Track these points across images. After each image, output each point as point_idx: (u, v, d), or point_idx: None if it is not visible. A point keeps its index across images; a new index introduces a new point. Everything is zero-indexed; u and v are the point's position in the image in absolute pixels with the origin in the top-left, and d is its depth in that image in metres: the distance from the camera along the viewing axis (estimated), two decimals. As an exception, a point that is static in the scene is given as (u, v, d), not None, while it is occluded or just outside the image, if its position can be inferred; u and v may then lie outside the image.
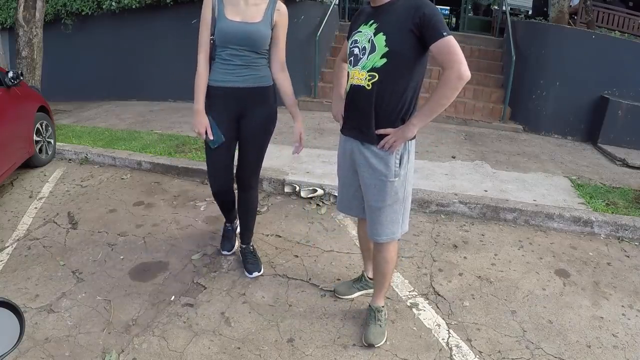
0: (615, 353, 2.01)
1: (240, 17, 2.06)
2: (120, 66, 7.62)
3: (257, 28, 2.07)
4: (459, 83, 1.59)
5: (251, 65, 2.13)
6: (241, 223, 2.58)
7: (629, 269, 2.70)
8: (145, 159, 4.13)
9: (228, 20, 2.05)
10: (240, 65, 2.11)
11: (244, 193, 2.44)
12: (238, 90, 2.14)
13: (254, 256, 2.59)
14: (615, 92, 5.33)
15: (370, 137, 1.77)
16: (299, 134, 2.28)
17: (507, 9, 6.93)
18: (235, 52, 2.08)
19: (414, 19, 1.58)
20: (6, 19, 8.57)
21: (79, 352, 1.98)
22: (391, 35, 1.64)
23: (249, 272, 2.51)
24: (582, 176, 4.05)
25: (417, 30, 1.59)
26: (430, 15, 1.56)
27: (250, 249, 2.60)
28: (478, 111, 6.15)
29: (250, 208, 2.50)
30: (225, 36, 2.06)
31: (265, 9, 2.10)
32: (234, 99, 2.17)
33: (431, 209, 3.33)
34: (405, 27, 1.60)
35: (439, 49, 1.58)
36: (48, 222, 3.16)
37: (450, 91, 1.60)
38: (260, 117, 2.24)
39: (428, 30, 1.57)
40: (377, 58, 1.67)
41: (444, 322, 2.17)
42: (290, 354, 1.97)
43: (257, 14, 2.08)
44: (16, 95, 3.79)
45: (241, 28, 2.05)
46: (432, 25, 1.57)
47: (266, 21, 2.09)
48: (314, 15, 6.56)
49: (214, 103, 2.18)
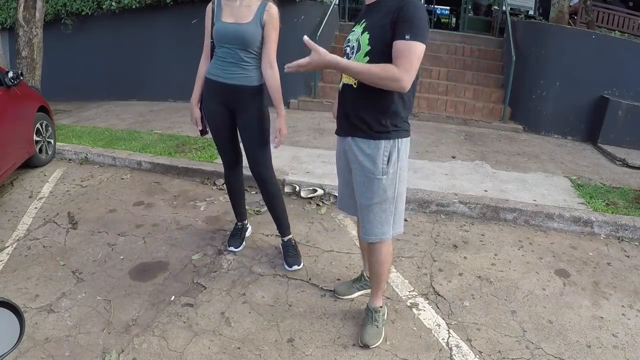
0: (615, 353, 2.01)
1: (233, 19, 2.23)
2: (120, 66, 7.62)
3: (246, 28, 2.20)
4: (392, 83, 1.55)
5: (240, 64, 2.26)
6: (274, 219, 2.65)
7: (629, 269, 2.70)
8: (145, 159, 4.13)
9: (222, 22, 2.24)
10: (231, 63, 2.26)
11: (264, 187, 2.53)
12: (224, 85, 2.30)
13: (294, 249, 2.65)
14: (615, 92, 5.34)
15: (360, 132, 1.76)
16: (278, 129, 2.33)
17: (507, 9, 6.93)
18: (228, 51, 2.25)
19: (393, 16, 1.56)
20: (6, 19, 8.57)
21: (79, 352, 1.98)
22: (373, 34, 1.64)
23: (289, 265, 2.57)
24: (582, 176, 4.05)
25: (393, 26, 1.56)
26: (408, 13, 1.53)
27: (291, 242, 2.66)
28: (478, 111, 6.15)
29: (275, 201, 2.57)
30: (219, 36, 2.25)
31: (256, 10, 2.22)
32: (221, 93, 2.33)
33: (431, 209, 3.33)
34: (386, 24, 1.58)
35: (397, 49, 1.54)
36: (48, 222, 3.16)
37: (381, 80, 1.55)
38: (249, 115, 2.36)
39: (398, 26, 1.54)
40: (361, 57, 1.67)
41: (444, 322, 2.17)
42: (290, 354, 1.97)
43: (248, 15, 2.22)
44: (16, 95, 3.79)
45: (233, 28, 2.21)
46: (404, 23, 1.53)
47: (256, 21, 2.21)
48: (314, 15, 6.56)
49: (209, 92, 2.40)
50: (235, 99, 2.33)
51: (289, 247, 2.65)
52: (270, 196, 2.56)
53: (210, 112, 2.42)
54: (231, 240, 2.80)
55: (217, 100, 2.37)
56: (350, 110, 1.78)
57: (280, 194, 2.59)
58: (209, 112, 2.42)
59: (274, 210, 2.61)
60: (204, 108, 2.44)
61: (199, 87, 2.43)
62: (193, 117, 2.50)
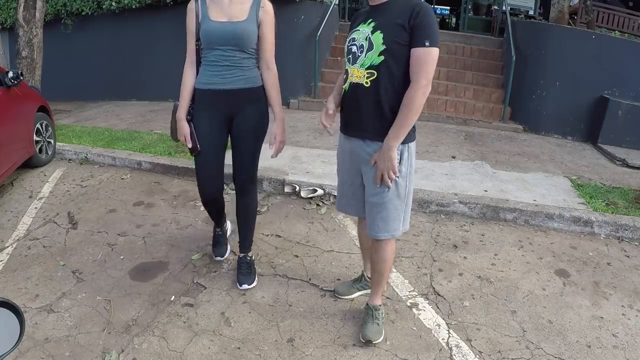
0: (615, 353, 2.01)
1: (225, 17, 2.04)
2: (120, 66, 7.62)
3: (243, 27, 2.04)
4: (423, 99, 1.66)
5: (239, 66, 2.09)
6: (240, 231, 2.44)
7: (629, 269, 2.70)
8: (145, 159, 4.13)
9: (212, 21, 2.03)
10: (228, 66, 2.07)
11: (243, 198, 2.35)
12: (226, 92, 2.10)
13: (249, 267, 2.43)
14: (615, 92, 5.33)
15: (372, 133, 1.77)
16: (274, 135, 2.19)
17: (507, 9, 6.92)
18: (222, 53, 2.05)
19: (409, 19, 1.62)
20: (6, 19, 8.57)
21: (79, 352, 1.99)
22: (388, 33, 1.66)
23: (240, 284, 2.37)
24: (582, 176, 4.05)
25: (410, 29, 1.63)
26: (424, 19, 1.61)
27: (247, 259, 2.45)
28: (478, 111, 6.15)
29: (249, 215, 2.40)
30: (211, 37, 2.03)
31: (249, 7, 2.06)
32: (222, 102, 2.13)
33: (431, 209, 3.33)
34: (401, 25, 1.63)
35: (416, 56, 1.64)
36: (48, 222, 3.16)
37: (416, 107, 1.66)
38: (251, 118, 2.19)
39: (416, 32, 1.62)
40: (374, 56, 1.69)
41: (444, 322, 2.17)
42: (290, 354, 1.97)
43: (242, 13, 2.05)
44: (16, 95, 3.79)
45: (227, 28, 2.02)
46: (421, 29, 1.61)
47: (252, 19, 2.05)
48: (314, 15, 6.56)
49: (203, 106, 2.15)
50: (236, 104, 2.14)
51: (244, 263, 2.44)
52: (251, 210, 2.38)
53: (205, 126, 2.15)
54: (216, 249, 2.63)
55: (213, 111, 2.14)
56: (362, 110, 1.77)
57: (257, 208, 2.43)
58: (203, 126, 2.15)
59: (249, 225, 2.42)
60: (197, 123, 2.16)
61: (186, 98, 2.15)
62: (181, 133, 2.16)
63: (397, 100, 1.70)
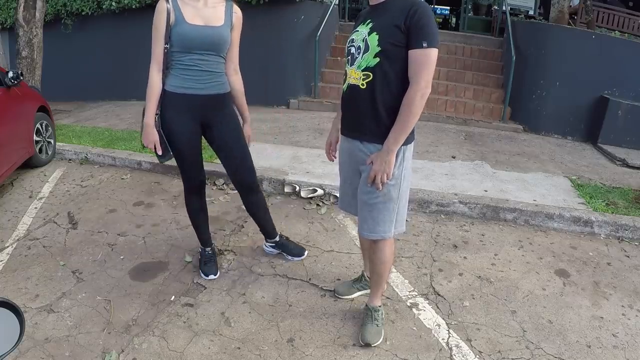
0: (615, 353, 2.01)
1: (202, 21, 1.99)
2: (120, 66, 7.61)
3: (221, 32, 2.02)
4: (422, 101, 1.63)
5: (214, 71, 2.08)
6: (260, 226, 2.58)
7: (629, 269, 2.70)
8: (145, 159, 4.13)
9: (189, 24, 1.97)
10: (205, 72, 2.05)
11: (251, 196, 2.42)
12: (200, 97, 2.08)
13: (292, 242, 2.69)
14: (615, 92, 5.33)
15: (369, 135, 1.77)
16: (248, 137, 2.29)
17: (507, 9, 6.92)
18: (200, 57, 2.01)
19: (405, 19, 1.59)
20: (6, 19, 8.57)
21: (79, 352, 1.99)
22: (384, 35, 1.64)
23: (298, 256, 2.64)
24: (582, 176, 4.05)
25: (406, 30, 1.59)
26: (421, 19, 1.57)
27: (284, 238, 2.68)
28: (478, 111, 6.15)
29: (261, 208, 2.51)
30: (192, 42, 1.98)
31: (224, 12, 2.06)
32: (195, 106, 2.11)
33: (431, 209, 3.33)
34: (397, 26, 1.60)
35: (414, 58, 1.61)
36: (48, 222, 3.16)
37: (416, 109, 1.64)
38: (229, 122, 2.22)
39: (413, 33, 1.59)
40: (370, 57, 1.67)
41: (444, 322, 2.17)
42: (290, 354, 1.97)
43: (218, 17, 2.03)
44: (16, 95, 3.79)
45: (206, 32, 1.99)
46: (418, 30, 1.58)
47: (227, 24, 2.06)
48: (314, 15, 6.55)
49: (178, 109, 2.10)
50: (212, 109, 2.14)
51: (285, 243, 2.66)
52: (261, 204, 2.48)
53: (181, 131, 2.12)
54: (207, 267, 2.50)
55: (189, 116, 2.11)
56: (359, 111, 1.77)
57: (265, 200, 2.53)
58: (179, 131, 2.12)
59: (266, 216, 2.53)
60: (169, 128, 2.11)
61: (155, 104, 2.06)
62: (150, 140, 2.08)
63: (393, 102, 1.69)
